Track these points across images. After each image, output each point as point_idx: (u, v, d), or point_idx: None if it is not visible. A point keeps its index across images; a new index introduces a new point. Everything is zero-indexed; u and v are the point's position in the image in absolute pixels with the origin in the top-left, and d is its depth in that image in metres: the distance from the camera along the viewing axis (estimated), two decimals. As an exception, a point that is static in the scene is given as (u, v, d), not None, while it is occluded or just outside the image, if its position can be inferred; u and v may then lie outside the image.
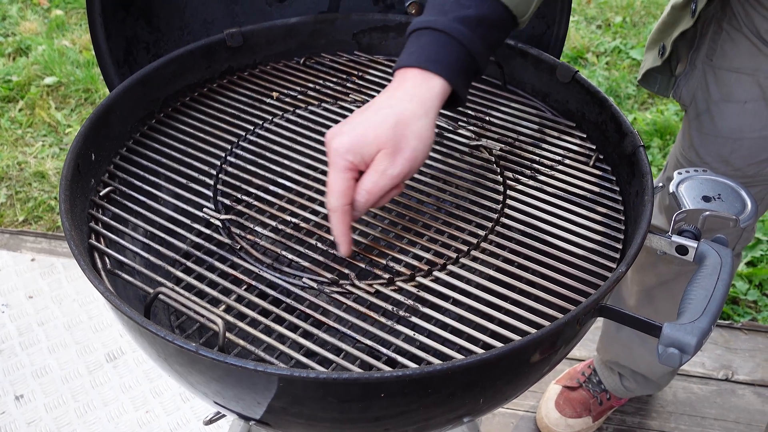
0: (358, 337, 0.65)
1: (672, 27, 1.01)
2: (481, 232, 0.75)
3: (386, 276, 0.70)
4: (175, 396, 1.49)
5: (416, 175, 0.82)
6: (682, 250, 0.66)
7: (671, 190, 0.74)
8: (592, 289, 0.67)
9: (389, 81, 0.94)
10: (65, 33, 2.80)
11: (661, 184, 0.78)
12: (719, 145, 1.03)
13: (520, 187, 0.80)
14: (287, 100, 0.94)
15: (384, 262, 0.72)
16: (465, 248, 0.73)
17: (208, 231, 0.75)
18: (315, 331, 0.66)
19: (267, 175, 0.82)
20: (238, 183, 0.81)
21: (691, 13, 0.97)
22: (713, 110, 1.01)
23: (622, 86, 2.52)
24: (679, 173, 0.75)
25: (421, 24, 0.69)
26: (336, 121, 0.89)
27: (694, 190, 0.73)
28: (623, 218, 0.76)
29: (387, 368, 0.61)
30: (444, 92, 0.67)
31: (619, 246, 0.73)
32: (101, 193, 0.79)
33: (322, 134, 0.88)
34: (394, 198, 0.79)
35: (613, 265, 0.70)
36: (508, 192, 0.79)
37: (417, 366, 0.57)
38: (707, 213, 0.69)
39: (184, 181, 0.81)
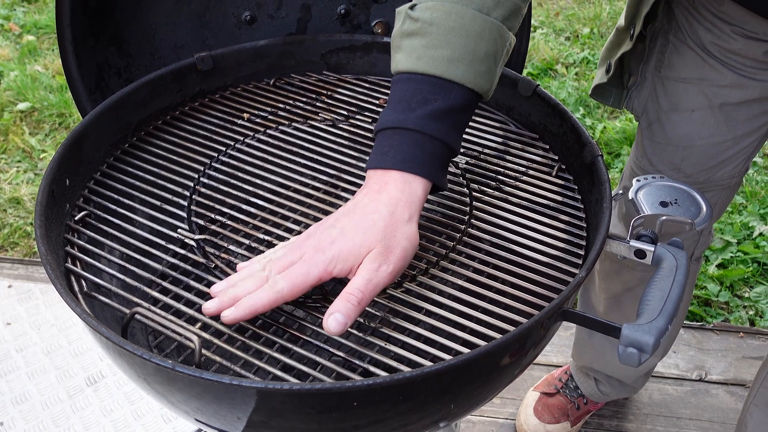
0: (333, 350, 0.67)
1: (617, 47, 1.06)
2: (450, 243, 0.77)
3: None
4: (157, 417, 1.50)
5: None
6: (640, 254, 0.69)
7: (630, 197, 0.77)
8: (556, 294, 0.70)
9: (357, 99, 0.98)
10: (37, 58, 2.80)
11: (621, 192, 0.81)
12: (670, 153, 1.06)
13: (486, 198, 0.83)
14: (258, 120, 0.96)
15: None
16: (435, 259, 0.75)
17: (183, 251, 0.77)
18: (291, 346, 0.67)
19: (240, 194, 0.84)
20: (211, 203, 0.83)
21: (630, 37, 1.01)
22: (663, 119, 1.05)
23: (591, 96, 2.57)
24: (638, 180, 0.78)
25: (391, 123, 0.69)
26: (307, 140, 0.92)
27: (652, 195, 0.76)
28: (585, 225, 0.79)
29: (360, 378, 0.63)
30: (426, 190, 0.69)
31: (582, 252, 0.76)
32: (76, 218, 0.81)
33: (294, 153, 0.90)
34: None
35: (576, 271, 0.73)
36: (475, 203, 0.82)
37: (388, 375, 0.58)
38: (664, 218, 0.72)
39: (158, 203, 0.83)
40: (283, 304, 0.65)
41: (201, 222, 0.81)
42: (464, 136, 0.92)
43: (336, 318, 0.61)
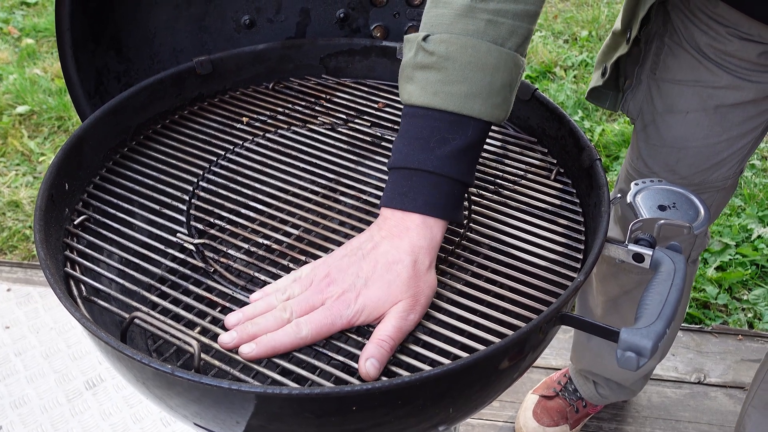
0: (332, 354, 0.67)
1: (613, 50, 1.06)
2: (449, 247, 0.77)
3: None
4: (156, 421, 1.50)
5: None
6: (638, 257, 0.69)
7: (629, 201, 0.77)
8: (555, 298, 0.70)
9: (356, 103, 0.98)
10: (36, 61, 2.80)
11: (619, 195, 0.81)
12: (665, 155, 1.07)
13: (484, 202, 0.83)
14: (257, 124, 0.96)
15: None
16: (433, 263, 0.75)
17: (182, 255, 0.77)
18: (290, 349, 0.68)
19: (239, 198, 0.84)
20: (210, 207, 0.83)
21: (626, 41, 1.02)
22: (658, 121, 1.06)
23: (590, 99, 2.57)
24: (636, 184, 0.78)
25: (410, 164, 0.68)
26: (306, 144, 0.92)
27: (650, 199, 0.76)
28: (583, 229, 0.79)
29: (359, 382, 0.63)
30: (444, 230, 0.70)
31: (580, 256, 0.76)
32: (76, 222, 0.81)
33: (292, 157, 0.90)
34: (363, 219, 0.81)
35: (575, 275, 0.73)
36: (473, 207, 0.82)
37: (387, 379, 0.58)
38: (662, 221, 0.72)
39: (157, 207, 0.83)
40: None
41: (200, 226, 0.81)
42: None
43: (372, 363, 0.63)
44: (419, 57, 0.69)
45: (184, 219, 0.82)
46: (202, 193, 0.85)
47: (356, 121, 0.97)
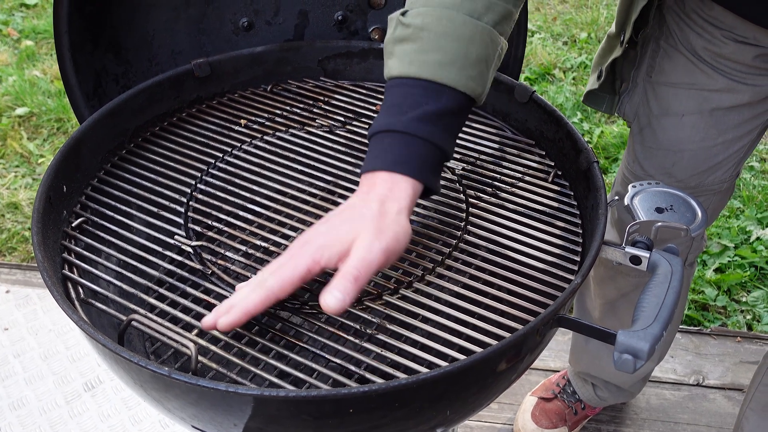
0: (329, 357, 0.67)
1: (609, 53, 1.06)
2: (446, 250, 0.77)
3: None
4: (155, 423, 1.49)
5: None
6: (635, 260, 0.69)
7: (626, 203, 0.77)
8: (552, 300, 0.70)
9: (354, 105, 0.98)
10: (36, 63, 2.80)
11: (616, 198, 0.81)
12: (661, 158, 1.07)
13: (482, 204, 0.83)
14: (255, 127, 0.96)
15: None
16: (431, 265, 0.75)
17: (180, 258, 0.77)
18: (287, 352, 0.68)
19: (237, 201, 0.84)
20: (208, 210, 0.83)
21: (620, 43, 1.02)
22: (654, 124, 1.06)
23: (589, 101, 2.57)
24: (634, 186, 0.78)
25: (381, 127, 0.69)
26: (304, 146, 0.92)
27: (647, 201, 0.76)
28: (581, 231, 0.79)
29: (356, 385, 0.63)
30: (415, 191, 0.68)
31: (578, 258, 0.76)
32: (73, 224, 0.81)
33: (291, 159, 0.90)
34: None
35: (572, 277, 0.73)
36: (471, 209, 0.82)
37: (384, 381, 0.59)
38: (659, 224, 0.72)
39: (155, 209, 0.83)
40: (276, 302, 0.65)
41: (198, 228, 0.81)
42: (461, 142, 0.92)
43: (334, 295, 0.61)
44: (398, 31, 0.70)
45: (182, 221, 0.82)
46: (200, 196, 0.85)
47: (354, 123, 0.97)
